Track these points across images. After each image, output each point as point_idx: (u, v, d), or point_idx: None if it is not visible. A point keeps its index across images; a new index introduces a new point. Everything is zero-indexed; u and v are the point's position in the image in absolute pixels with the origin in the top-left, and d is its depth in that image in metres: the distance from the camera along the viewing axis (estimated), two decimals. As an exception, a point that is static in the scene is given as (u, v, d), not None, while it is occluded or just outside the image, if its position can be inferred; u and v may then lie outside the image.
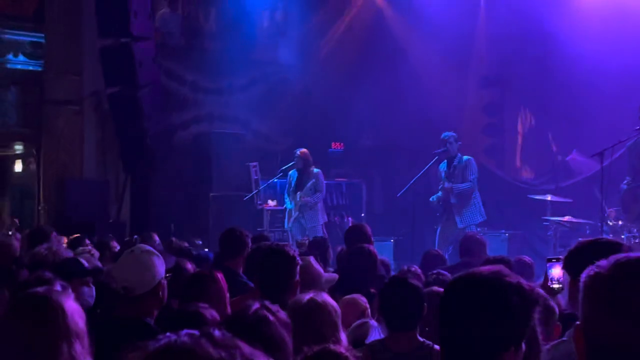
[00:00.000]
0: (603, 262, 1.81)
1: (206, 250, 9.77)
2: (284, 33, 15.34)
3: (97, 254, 7.44)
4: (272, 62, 15.30)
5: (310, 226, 11.44)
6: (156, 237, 8.89)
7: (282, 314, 2.82)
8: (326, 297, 3.51)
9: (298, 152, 11.66)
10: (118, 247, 8.67)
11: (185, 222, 12.73)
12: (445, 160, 10.28)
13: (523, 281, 2.26)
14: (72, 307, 2.81)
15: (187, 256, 6.45)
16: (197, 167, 12.85)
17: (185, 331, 1.38)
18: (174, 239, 9.03)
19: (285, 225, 11.96)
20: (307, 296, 3.46)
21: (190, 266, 5.35)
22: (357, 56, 14.55)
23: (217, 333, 1.39)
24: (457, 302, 2.22)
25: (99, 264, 6.69)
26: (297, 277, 4.22)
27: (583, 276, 1.84)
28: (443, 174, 10.26)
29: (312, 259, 4.72)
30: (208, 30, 14.96)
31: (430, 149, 10.69)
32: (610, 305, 1.73)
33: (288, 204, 11.83)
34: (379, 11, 14.55)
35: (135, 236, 10.26)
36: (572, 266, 3.28)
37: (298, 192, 11.55)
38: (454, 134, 10.18)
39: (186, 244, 9.77)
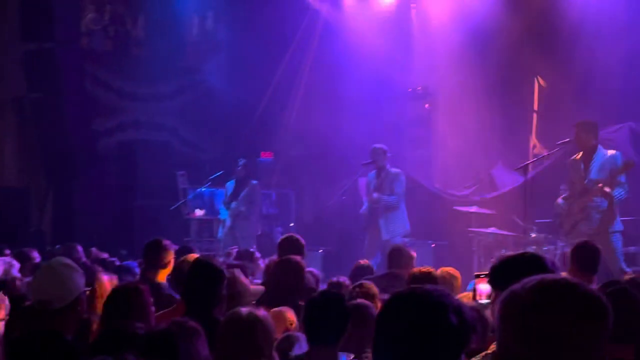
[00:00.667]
0: (518, 287, 1.77)
1: (131, 261, 9.57)
2: (213, 40, 15.21)
3: (17, 264, 7.22)
4: (201, 70, 15.16)
5: (242, 236, 11.37)
6: (79, 248, 8.68)
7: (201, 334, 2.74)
8: (264, 313, 3.46)
9: (242, 162, 11.63)
10: (39, 258, 8.43)
11: (110, 232, 12.47)
12: (375, 171, 10.32)
13: (463, 303, 2.21)
14: None
15: (108, 268, 6.28)
16: (122, 176, 12.61)
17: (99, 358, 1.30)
18: (93, 249, 8.82)
19: (219, 234, 11.86)
20: (245, 310, 3.39)
21: (106, 278, 5.19)
22: (288, 65, 14.52)
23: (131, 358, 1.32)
24: (396, 319, 2.16)
25: (18, 275, 6.48)
26: (224, 291, 4.14)
27: (499, 299, 1.81)
28: (372, 185, 10.29)
29: (238, 272, 4.64)
30: (135, 36, 14.74)
31: (359, 160, 10.72)
32: (522, 332, 1.70)
33: (222, 214, 11.76)
34: (311, 21, 14.53)
35: (58, 246, 10.01)
36: (496, 281, 3.28)
37: (233, 202, 11.49)
38: (383, 146, 10.23)
39: (106, 255, 9.57)
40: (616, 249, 8.51)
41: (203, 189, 13.66)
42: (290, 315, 4.93)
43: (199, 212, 13.49)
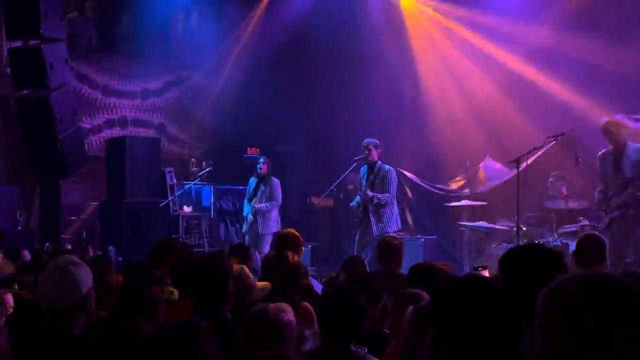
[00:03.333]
0: (560, 283, 1.79)
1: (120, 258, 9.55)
2: (199, 36, 15.15)
3: (10, 263, 7.18)
4: (188, 66, 15.10)
5: (263, 232, 11.32)
6: (69, 246, 8.65)
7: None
8: (289, 310, 3.46)
9: (262, 159, 11.56)
10: (29, 257, 8.39)
11: (97, 229, 12.41)
12: (366, 166, 10.31)
13: None
14: None
15: (108, 264, 6.25)
16: (109, 173, 12.52)
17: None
18: (90, 246, 8.78)
19: (243, 230, 11.83)
20: (273, 307, 3.38)
21: (113, 275, 5.18)
22: (274, 61, 14.49)
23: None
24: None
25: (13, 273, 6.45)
26: (231, 287, 4.12)
27: (541, 296, 1.81)
28: (364, 181, 10.28)
29: (245, 268, 4.63)
30: (120, 32, 14.65)
31: (350, 154, 10.71)
32: (570, 328, 1.71)
33: (245, 210, 11.72)
34: (294, 17, 14.50)
35: (47, 244, 9.95)
36: (506, 271, 3.26)
37: (253, 199, 11.45)
38: (374, 140, 10.20)
39: (99, 252, 9.53)
40: None
41: (190, 185, 13.63)
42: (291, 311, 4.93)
43: (187, 209, 13.45)
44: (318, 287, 7.58)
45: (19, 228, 11.79)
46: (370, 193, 9.95)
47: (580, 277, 1.79)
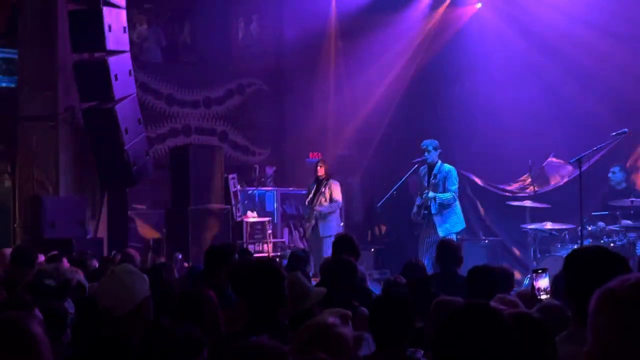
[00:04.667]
0: (616, 284, 1.79)
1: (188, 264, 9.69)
2: (258, 44, 15.30)
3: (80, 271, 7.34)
4: (248, 74, 15.26)
5: (323, 236, 11.28)
6: (137, 255, 8.83)
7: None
8: (347, 327, 3.49)
9: (319, 162, 11.55)
10: (97, 264, 8.58)
11: (163, 236, 12.61)
12: (426, 167, 10.25)
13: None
14: (40, 332, 2.78)
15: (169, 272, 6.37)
16: (174, 181, 12.73)
17: None
18: (150, 254, 8.94)
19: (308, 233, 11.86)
20: (332, 321, 3.40)
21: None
22: (337, 64, 14.57)
23: None
24: None
25: (83, 280, 6.61)
26: (286, 291, 4.16)
27: (595, 295, 1.81)
28: (425, 182, 10.24)
29: (298, 274, 4.66)
30: (182, 42, 14.90)
31: (409, 156, 10.68)
32: (620, 327, 1.72)
33: (306, 214, 11.74)
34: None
35: (114, 252, 10.17)
36: (569, 271, 3.21)
37: (312, 203, 11.44)
38: (433, 141, 10.15)
39: (162, 260, 9.69)
40: None
41: (254, 191, 13.76)
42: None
43: (250, 214, 13.57)
44: (379, 291, 7.60)
45: (88, 237, 12.07)
46: (431, 194, 9.90)
47: (636, 278, 1.79)
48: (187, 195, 12.34)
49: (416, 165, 10.44)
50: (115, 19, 11.67)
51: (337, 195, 11.43)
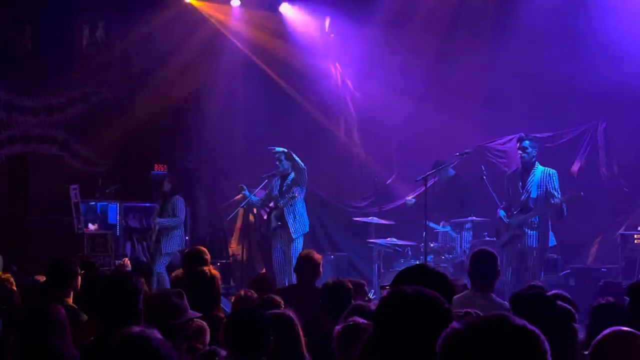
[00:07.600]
0: (460, 325, 1.80)
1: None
2: (104, 51, 14.87)
3: None
4: (92, 82, 14.81)
5: (166, 251, 11.04)
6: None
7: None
8: None
9: (166, 176, 11.37)
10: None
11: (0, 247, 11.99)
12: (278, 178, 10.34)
13: None
14: None
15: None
16: (11, 190, 12.14)
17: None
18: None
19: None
20: None
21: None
22: (182, 76, 14.36)
23: None
24: None
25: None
26: (141, 305, 4.03)
27: (443, 335, 1.82)
28: (275, 191, 10.33)
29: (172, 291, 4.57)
30: (23, 47, 14.26)
31: (263, 172, 10.69)
32: None
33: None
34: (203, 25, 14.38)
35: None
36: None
37: (157, 217, 11.16)
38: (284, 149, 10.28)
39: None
40: None
41: (97, 203, 13.33)
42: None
43: (92, 227, 13.15)
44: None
45: None
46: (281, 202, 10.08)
47: (475, 318, 1.81)
48: (25, 205, 11.81)
49: (266, 181, 10.51)
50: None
51: (180, 210, 11.26)
